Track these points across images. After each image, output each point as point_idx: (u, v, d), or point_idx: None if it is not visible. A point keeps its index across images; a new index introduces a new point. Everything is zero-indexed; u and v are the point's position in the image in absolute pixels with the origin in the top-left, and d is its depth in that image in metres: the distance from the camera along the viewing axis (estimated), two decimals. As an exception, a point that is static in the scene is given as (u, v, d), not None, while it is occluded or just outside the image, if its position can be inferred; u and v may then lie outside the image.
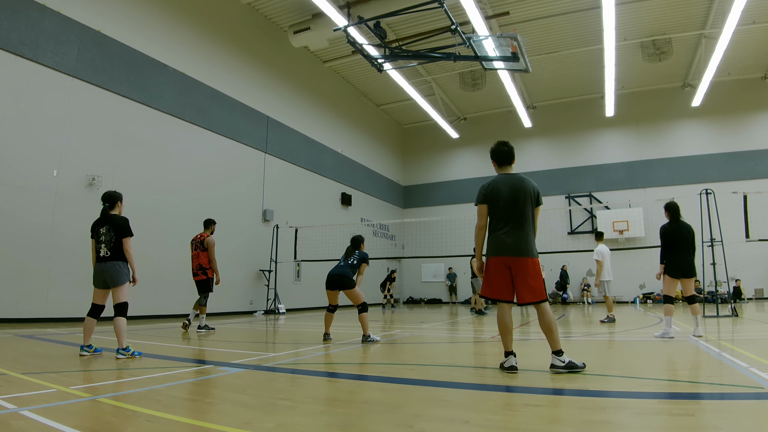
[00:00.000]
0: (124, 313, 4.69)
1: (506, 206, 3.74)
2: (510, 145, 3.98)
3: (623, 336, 6.72)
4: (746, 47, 16.02)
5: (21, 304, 8.22)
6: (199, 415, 2.56)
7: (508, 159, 3.94)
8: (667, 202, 6.45)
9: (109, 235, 4.76)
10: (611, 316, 8.83)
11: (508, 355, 3.70)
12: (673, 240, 6.11)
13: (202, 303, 7.71)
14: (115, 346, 4.62)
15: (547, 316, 3.67)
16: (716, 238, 9.60)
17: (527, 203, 3.76)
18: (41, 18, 8.83)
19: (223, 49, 13.24)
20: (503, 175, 3.90)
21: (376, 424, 2.37)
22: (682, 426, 2.23)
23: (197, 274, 7.73)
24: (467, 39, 8.99)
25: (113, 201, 4.97)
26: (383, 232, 21.41)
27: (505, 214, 3.75)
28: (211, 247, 7.74)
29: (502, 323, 3.76)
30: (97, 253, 4.77)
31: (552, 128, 21.31)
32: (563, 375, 3.49)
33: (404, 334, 7.41)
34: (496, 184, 3.83)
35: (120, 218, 4.86)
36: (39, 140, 8.74)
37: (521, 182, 3.82)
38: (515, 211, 3.73)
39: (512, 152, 3.96)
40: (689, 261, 6.07)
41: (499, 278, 3.73)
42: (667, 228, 6.21)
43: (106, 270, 4.68)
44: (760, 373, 3.42)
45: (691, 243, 6.13)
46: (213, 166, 12.52)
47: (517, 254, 3.68)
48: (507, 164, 3.95)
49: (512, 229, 3.72)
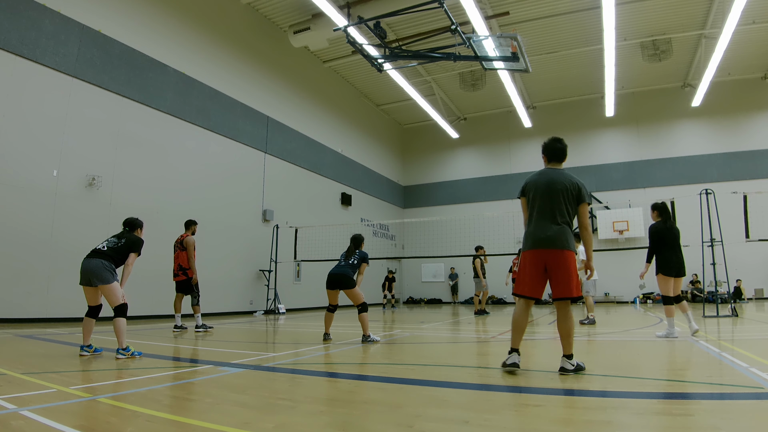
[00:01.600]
0: (123, 314, 4.67)
1: (539, 198, 3.68)
2: (564, 143, 3.90)
3: (623, 336, 6.71)
4: (746, 47, 16.02)
5: (21, 304, 8.22)
6: (199, 415, 2.56)
7: (559, 156, 3.87)
8: (656, 202, 6.42)
9: (119, 242, 4.81)
10: (591, 317, 8.36)
11: (511, 351, 3.60)
12: (666, 239, 6.08)
13: (195, 303, 7.75)
14: (115, 346, 4.62)
15: (567, 320, 3.56)
16: (716, 238, 9.59)
17: (562, 197, 3.62)
18: (41, 18, 8.83)
19: (223, 49, 13.24)
20: (545, 169, 3.85)
21: (376, 424, 2.37)
22: (682, 426, 2.23)
23: (177, 274, 7.78)
24: (467, 39, 8.99)
25: (133, 227, 5.11)
26: (383, 232, 21.40)
27: (539, 206, 3.67)
28: (189, 247, 7.73)
29: (517, 321, 3.65)
30: (95, 247, 4.76)
31: (552, 128, 21.21)
32: (564, 375, 3.49)
33: (404, 334, 7.41)
34: (535, 176, 3.81)
35: (138, 237, 5.01)
36: (39, 140, 8.74)
37: (560, 176, 3.72)
38: (549, 204, 3.62)
39: (565, 150, 3.88)
40: (682, 260, 6.10)
41: (530, 272, 3.61)
42: (660, 227, 6.17)
43: (92, 266, 4.58)
44: (760, 373, 3.42)
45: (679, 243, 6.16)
46: (213, 166, 12.52)
47: (552, 246, 3.55)
48: (556, 161, 3.88)
49: (548, 221, 3.61)
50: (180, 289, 7.78)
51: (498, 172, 22.04)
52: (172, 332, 7.42)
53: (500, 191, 21.28)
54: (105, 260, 4.62)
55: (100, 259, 4.62)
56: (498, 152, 22.32)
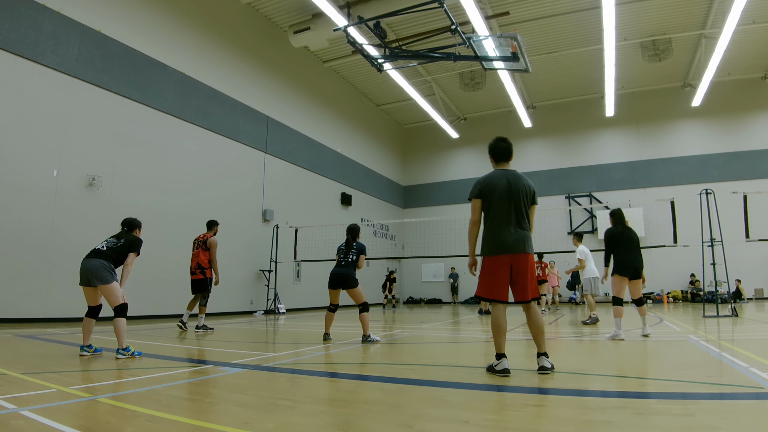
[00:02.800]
0: (124, 314, 4.68)
1: (503, 202, 3.68)
2: (509, 142, 3.94)
3: (623, 336, 6.70)
4: (746, 47, 16.03)
5: (21, 304, 8.22)
6: (199, 415, 2.56)
7: (506, 156, 3.90)
8: (612, 209, 6.79)
9: (118, 242, 4.82)
10: (594, 316, 8.50)
11: (500, 357, 3.58)
12: (619, 241, 6.33)
13: (203, 303, 7.75)
14: (115, 346, 4.62)
15: (540, 316, 3.70)
16: (716, 238, 9.60)
17: (523, 201, 3.70)
18: (41, 18, 8.82)
19: (223, 49, 13.24)
20: (500, 170, 3.85)
21: (376, 424, 2.36)
22: (682, 426, 2.23)
23: (195, 272, 7.78)
24: (467, 39, 8.99)
25: (132, 227, 5.12)
26: (383, 232, 21.40)
27: (502, 210, 3.68)
28: (213, 248, 7.84)
29: (498, 325, 3.63)
30: (94, 248, 4.76)
31: (552, 128, 21.31)
32: (563, 375, 3.49)
33: (404, 334, 7.41)
34: (492, 178, 3.77)
35: (137, 237, 5.03)
36: (39, 140, 8.74)
37: (517, 178, 3.77)
38: (512, 207, 3.67)
39: (510, 149, 3.91)
40: (639, 261, 6.28)
41: (499, 278, 3.64)
42: (613, 231, 6.46)
43: (91, 267, 4.58)
44: (760, 373, 3.42)
45: (638, 246, 6.38)
46: (213, 166, 12.52)
47: (519, 250, 3.63)
48: (504, 161, 3.91)
49: (511, 225, 3.65)
50: (195, 287, 7.78)
51: (498, 172, 22.01)
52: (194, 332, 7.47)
53: (500, 191, 21.24)
54: (104, 260, 4.62)
55: (99, 259, 4.62)
56: (498, 152, 22.28)
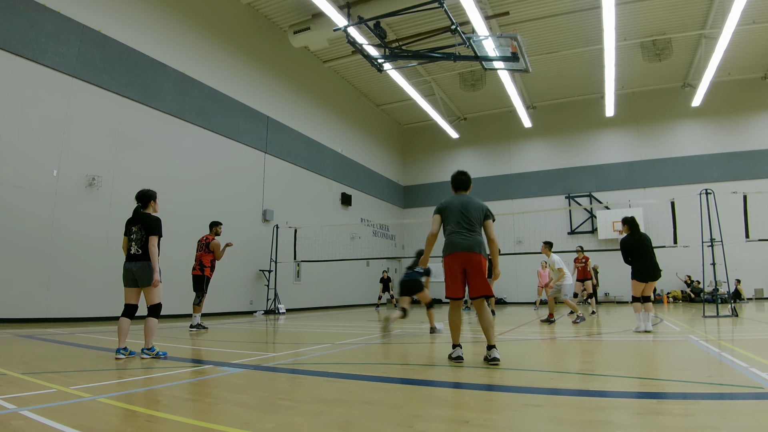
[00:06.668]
0: (157, 314, 4.70)
1: (457, 215, 4.35)
2: (467, 175, 4.65)
3: (622, 336, 6.71)
4: (746, 47, 16.02)
5: (21, 304, 8.22)
6: (199, 415, 2.56)
7: (463, 186, 4.61)
8: (626, 217, 7.08)
9: (140, 234, 4.72)
10: (581, 315, 8.75)
11: (455, 347, 4.25)
12: (635, 250, 6.78)
13: (197, 303, 7.84)
14: (116, 346, 4.62)
15: (489, 312, 4.21)
16: (716, 238, 9.59)
17: (475, 214, 4.35)
18: (41, 18, 8.82)
19: (223, 49, 13.24)
20: (456, 196, 4.58)
21: (376, 424, 2.36)
22: (682, 426, 2.23)
23: (194, 269, 8.01)
24: (467, 39, 8.99)
25: (146, 200, 4.90)
26: (383, 232, 21.40)
27: (456, 221, 4.32)
28: (216, 250, 8.04)
29: (454, 321, 4.28)
30: (129, 251, 4.73)
31: (552, 128, 21.30)
32: (563, 375, 3.48)
33: (404, 334, 7.41)
34: (449, 199, 4.54)
35: (152, 217, 4.81)
36: (39, 140, 8.74)
37: (470, 199, 4.49)
38: (463, 219, 4.32)
39: (468, 181, 4.63)
40: (654, 265, 6.76)
41: (455, 277, 4.22)
42: (628, 240, 6.88)
43: (137, 269, 4.63)
44: (760, 373, 3.42)
45: (653, 251, 6.83)
46: (213, 166, 12.52)
47: (470, 250, 4.20)
48: (462, 189, 4.61)
49: (464, 231, 4.28)
50: (193, 284, 7.93)
51: (498, 172, 22.03)
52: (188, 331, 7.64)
53: (500, 191, 21.28)
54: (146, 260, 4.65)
55: (142, 261, 4.64)
56: (498, 152, 22.31)
